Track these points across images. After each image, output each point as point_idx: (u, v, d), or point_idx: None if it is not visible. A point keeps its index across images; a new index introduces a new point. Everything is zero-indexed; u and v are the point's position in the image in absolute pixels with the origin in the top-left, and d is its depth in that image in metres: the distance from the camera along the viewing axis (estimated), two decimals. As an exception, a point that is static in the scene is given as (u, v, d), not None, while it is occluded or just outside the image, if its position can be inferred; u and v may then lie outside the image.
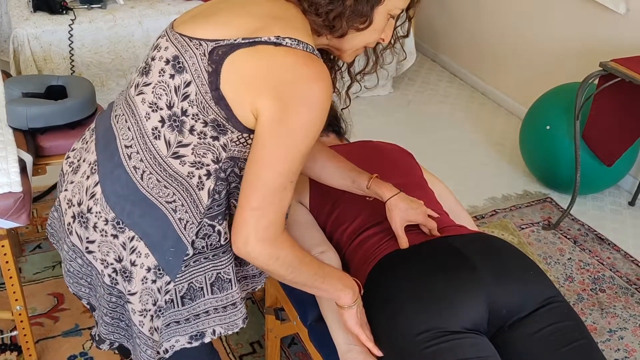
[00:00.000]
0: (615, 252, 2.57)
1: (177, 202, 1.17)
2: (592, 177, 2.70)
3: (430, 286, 1.26)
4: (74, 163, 1.30)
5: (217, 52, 1.09)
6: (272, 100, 1.07)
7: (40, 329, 2.06)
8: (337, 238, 1.51)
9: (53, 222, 1.37)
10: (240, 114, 1.11)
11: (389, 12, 1.19)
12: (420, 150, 2.06)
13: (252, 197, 1.09)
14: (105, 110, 1.30)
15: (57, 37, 2.75)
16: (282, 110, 1.07)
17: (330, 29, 1.15)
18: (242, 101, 1.10)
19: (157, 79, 1.15)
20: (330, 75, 1.15)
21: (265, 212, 1.10)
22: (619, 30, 2.85)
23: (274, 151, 1.08)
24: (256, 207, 1.09)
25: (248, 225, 1.10)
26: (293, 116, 1.07)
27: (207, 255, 1.22)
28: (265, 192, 1.09)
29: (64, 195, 1.26)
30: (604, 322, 2.22)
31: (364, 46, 1.24)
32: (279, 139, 1.08)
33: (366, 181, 1.45)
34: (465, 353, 1.18)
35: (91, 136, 1.29)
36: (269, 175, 1.09)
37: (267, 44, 1.07)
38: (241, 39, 1.08)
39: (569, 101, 2.62)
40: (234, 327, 1.31)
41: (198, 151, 1.15)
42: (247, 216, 1.10)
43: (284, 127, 1.07)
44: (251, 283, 1.38)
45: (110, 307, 1.27)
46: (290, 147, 1.09)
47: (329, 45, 1.22)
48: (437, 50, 4.15)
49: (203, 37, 1.11)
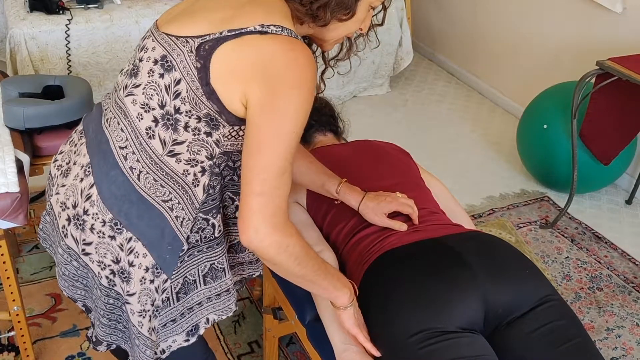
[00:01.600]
0: (612, 251, 2.57)
1: (173, 200, 1.17)
2: (589, 176, 2.71)
3: (425, 286, 1.26)
4: (62, 166, 1.29)
5: (204, 47, 1.10)
6: (261, 86, 1.08)
7: (37, 330, 2.06)
8: (333, 238, 1.51)
9: (45, 226, 1.37)
10: (231, 106, 1.12)
11: (371, 4, 1.22)
12: (417, 149, 2.06)
13: (255, 183, 1.09)
14: (93, 113, 1.30)
15: (53, 37, 2.74)
16: (271, 94, 1.08)
17: (314, 18, 1.17)
18: (232, 92, 1.10)
19: (147, 80, 1.15)
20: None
21: (270, 198, 1.10)
22: (616, 29, 2.86)
23: (269, 134, 1.09)
24: (260, 193, 1.09)
25: (256, 213, 1.09)
26: (283, 98, 1.08)
27: (201, 248, 1.23)
28: (267, 176, 1.09)
29: (56, 198, 1.26)
30: (601, 321, 2.22)
31: (345, 36, 1.27)
32: (273, 122, 1.09)
33: (336, 185, 1.48)
34: (460, 352, 1.18)
35: (80, 139, 1.28)
36: (268, 158, 1.09)
37: (252, 34, 1.09)
38: (227, 31, 1.09)
39: (566, 100, 2.62)
40: (227, 312, 1.33)
41: (193, 148, 1.15)
42: (253, 204, 1.09)
43: (276, 110, 1.08)
44: (247, 269, 1.39)
45: (108, 308, 1.26)
46: (285, 129, 1.09)
47: (312, 34, 1.24)
48: (434, 49, 4.15)
49: (189, 35, 1.12)
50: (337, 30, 1.22)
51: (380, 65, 3.60)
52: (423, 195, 1.56)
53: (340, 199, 1.50)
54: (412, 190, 1.54)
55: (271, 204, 1.10)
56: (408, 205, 1.46)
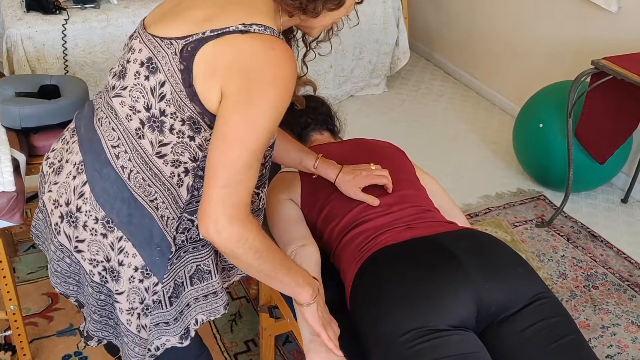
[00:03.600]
0: (608, 249, 2.58)
1: (158, 199, 1.18)
2: (585, 175, 2.71)
3: (417, 284, 1.26)
4: (54, 164, 1.29)
5: (187, 49, 1.10)
6: (237, 82, 1.08)
7: (34, 329, 2.06)
8: (327, 236, 1.51)
9: (38, 224, 1.37)
10: (211, 107, 1.12)
11: None
12: (414, 148, 2.06)
13: (219, 175, 1.09)
14: (85, 111, 1.30)
15: (50, 37, 2.74)
16: (247, 88, 1.08)
17: (304, 11, 1.19)
18: (211, 91, 1.11)
19: (133, 82, 1.16)
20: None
21: (234, 191, 1.10)
22: (611, 29, 2.87)
23: (240, 127, 1.09)
24: (224, 185, 1.09)
25: (217, 204, 1.09)
26: (259, 94, 1.09)
27: (187, 248, 1.23)
28: (233, 170, 1.09)
29: (49, 196, 1.26)
30: (596, 319, 2.23)
31: (333, 23, 1.29)
32: (245, 115, 1.09)
33: (313, 161, 1.53)
34: (450, 350, 1.18)
35: (72, 136, 1.28)
36: (235, 152, 1.09)
37: (234, 33, 1.09)
38: (209, 31, 1.10)
39: (561, 99, 2.63)
40: (215, 314, 1.33)
41: (177, 150, 1.16)
42: (216, 195, 1.09)
43: (250, 104, 1.09)
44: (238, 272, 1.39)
45: (99, 304, 1.27)
46: (257, 124, 1.09)
47: (300, 24, 1.26)
48: (431, 49, 4.16)
49: (173, 36, 1.12)
50: (326, 18, 1.24)
51: (377, 65, 3.60)
52: (418, 193, 1.56)
53: (318, 174, 1.54)
54: (407, 188, 1.55)
55: (234, 196, 1.10)
56: (383, 176, 1.51)
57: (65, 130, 1.34)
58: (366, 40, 3.46)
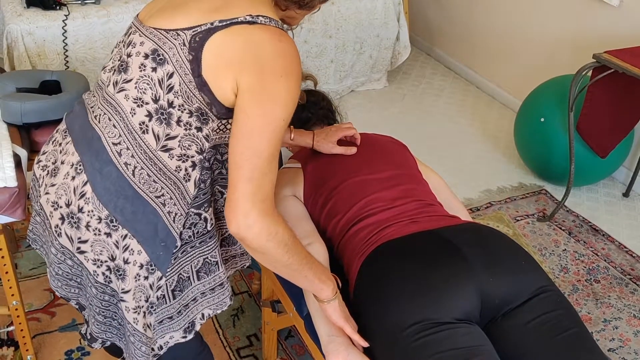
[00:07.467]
0: (609, 243, 2.58)
1: (165, 195, 1.17)
2: (587, 169, 2.71)
3: (422, 278, 1.26)
4: (48, 166, 1.28)
5: (195, 39, 1.10)
6: (251, 74, 1.09)
7: (36, 324, 2.06)
8: (330, 231, 1.51)
9: (35, 228, 1.36)
10: (222, 97, 1.13)
11: None
12: (415, 143, 2.06)
13: (245, 168, 1.09)
14: (75, 111, 1.29)
15: (50, 33, 2.74)
16: (261, 81, 1.09)
17: (300, 6, 1.21)
18: (223, 81, 1.11)
19: (139, 74, 1.15)
20: None
21: (260, 184, 1.10)
22: (612, 22, 2.86)
23: (260, 120, 1.10)
24: (251, 178, 1.09)
25: (246, 198, 1.09)
26: (273, 85, 1.10)
27: (194, 243, 1.23)
28: (258, 162, 1.10)
29: (46, 198, 1.25)
30: (598, 312, 2.23)
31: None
32: (263, 108, 1.10)
33: (288, 133, 1.60)
34: (456, 343, 1.19)
35: (64, 137, 1.27)
36: (259, 144, 1.10)
37: (242, 24, 1.10)
38: (218, 21, 1.10)
39: (562, 93, 2.63)
40: (222, 306, 1.33)
41: (184, 143, 1.16)
42: (244, 189, 1.09)
43: (265, 96, 1.10)
44: (239, 261, 1.39)
45: (103, 305, 1.27)
46: (274, 115, 1.11)
47: (285, 15, 1.26)
48: (431, 43, 4.15)
49: (179, 27, 1.12)
50: (312, 9, 1.26)
51: (377, 60, 3.59)
52: (420, 188, 1.56)
53: (295, 144, 1.64)
54: (409, 182, 1.55)
55: (261, 189, 1.10)
56: (349, 127, 1.63)
57: (55, 132, 1.32)
58: (367, 35, 3.46)
